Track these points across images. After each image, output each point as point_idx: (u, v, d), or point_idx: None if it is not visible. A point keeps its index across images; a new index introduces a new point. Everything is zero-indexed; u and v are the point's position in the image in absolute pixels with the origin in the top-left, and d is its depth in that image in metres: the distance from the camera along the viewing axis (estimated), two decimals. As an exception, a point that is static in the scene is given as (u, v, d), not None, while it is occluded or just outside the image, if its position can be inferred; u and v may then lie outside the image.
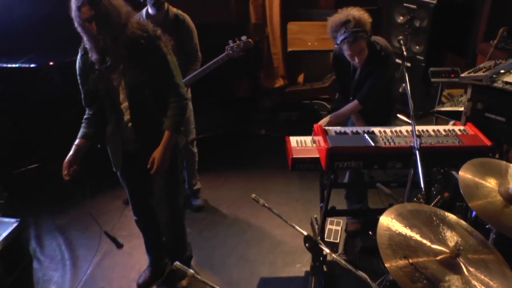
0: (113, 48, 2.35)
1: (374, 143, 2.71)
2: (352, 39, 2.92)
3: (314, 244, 1.87)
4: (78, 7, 2.20)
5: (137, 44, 2.39)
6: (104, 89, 2.48)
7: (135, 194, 2.87)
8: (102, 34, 2.26)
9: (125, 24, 2.36)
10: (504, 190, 2.08)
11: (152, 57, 2.44)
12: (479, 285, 1.68)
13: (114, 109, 2.54)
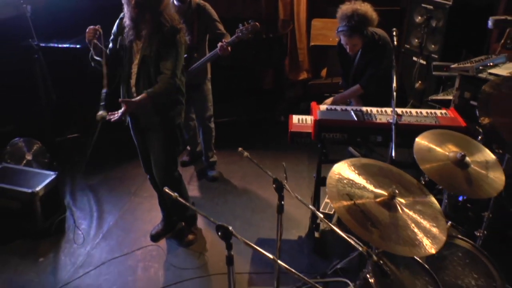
0: (141, 24, 2.92)
1: (358, 118, 3.15)
2: (348, 34, 3.40)
3: (280, 186, 2.33)
4: None
5: (161, 28, 2.94)
6: (126, 53, 3.04)
7: (141, 153, 3.40)
8: (136, 14, 2.84)
9: (161, 12, 2.93)
10: (453, 155, 2.46)
11: (167, 44, 2.95)
12: (411, 219, 2.08)
13: (127, 71, 3.08)
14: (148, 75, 3.02)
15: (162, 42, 2.95)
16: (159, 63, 2.98)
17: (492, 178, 2.41)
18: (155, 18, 2.91)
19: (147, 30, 2.96)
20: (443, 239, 2.05)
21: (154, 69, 3.00)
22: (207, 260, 3.46)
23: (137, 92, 3.07)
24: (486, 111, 2.57)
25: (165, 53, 2.96)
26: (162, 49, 2.96)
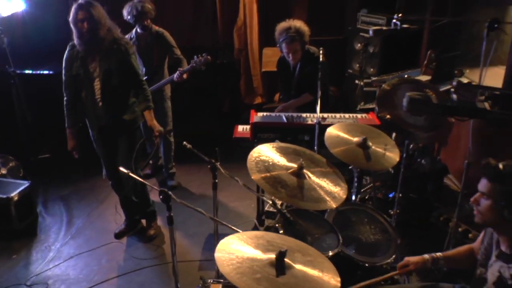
0: (96, 43, 3.50)
1: (287, 120, 3.78)
2: (289, 40, 4.08)
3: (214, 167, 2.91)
4: (76, 10, 3.41)
5: (112, 44, 3.55)
6: (83, 73, 3.59)
7: (108, 161, 3.90)
8: (90, 32, 3.45)
9: (108, 30, 3.55)
10: (357, 139, 3.08)
11: (120, 55, 3.57)
12: (315, 184, 2.66)
13: (90, 91, 3.63)
14: (111, 86, 3.60)
15: (119, 55, 3.56)
16: (123, 74, 3.59)
17: (388, 155, 3.03)
18: (106, 34, 3.50)
19: (101, 47, 3.53)
20: (343, 198, 2.65)
21: (118, 79, 3.58)
22: (164, 251, 3.97)
23: (104, 104, 3.63)
24: (384, 106, 3.21)
25: (121, 63, 3.57)
26: (117, 61, 3.56)
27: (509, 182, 1.98)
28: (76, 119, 3.79)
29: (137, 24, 4.53)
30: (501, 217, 2.02)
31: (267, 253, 1.98)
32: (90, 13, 3.43)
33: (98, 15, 3.47)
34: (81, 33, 3.47)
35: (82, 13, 3.42)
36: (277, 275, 1.87)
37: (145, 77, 4.60)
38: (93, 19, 3.44)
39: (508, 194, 1.98)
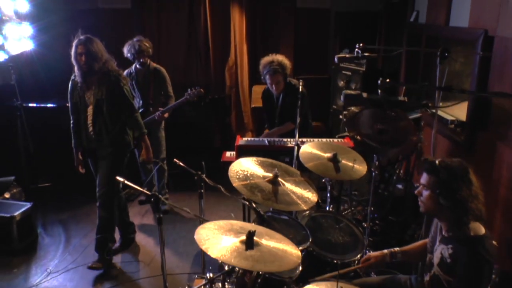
0: (91, 75, 3.98)
1: (269, 143, 4.21)
2: (272, 72, 4.56)
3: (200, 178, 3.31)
4: (76, 45, 3.91)
5: (106, 76, 4.01)
6: (81, 102, 4.06)
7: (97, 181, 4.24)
8: (87, 65, 3.92)
9: (104, 62, 4.02)
10: (329, 155, 3.49)
11: (111, 85, 4.02)
12: (289, 190, 3.05)
13: (83, 116, 4.09)
14: (102, 114, 4.03)
15: (110, 85, 4.00)
16: (114, 103, 4.02)
17: (356, 168, 3.43)
18: (101, 67, 3.98)
19: (96, 78, 4.00)
20: (313, 202, 3.03)
21: (107, 108, 4.01)
22: (156, 265, 4.30)
23: (94, 130, 4.06)
24: (352, 126, 3.65)
25: (114, 93, 4.01)
26: (110, 91, 4.00)
27: (443, 174, 2.39)
28: (80, 140, 4.21)
29: (136, 61, 5.02)
30: (438, 204, 2.42)
31: (239, 235, 2.36)
32: (88, 48, 3.92)
33: (96, 50, 3.96)
34: (79, 66, 3.96)
35: (81, 48, 3.92)
36: (246, 249, 2.24)
37: (142, 109, 5.09)
38: (91, 53, 3.93)
39: (442, 183, 2.39)
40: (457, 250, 2.39)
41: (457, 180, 2.36)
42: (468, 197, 2.34)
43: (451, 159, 2.46)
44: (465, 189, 2.35)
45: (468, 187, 2.36)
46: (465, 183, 2.36)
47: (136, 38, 4.98)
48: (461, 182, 2.35)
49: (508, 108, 3.86)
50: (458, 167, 2.40)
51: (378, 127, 3.58)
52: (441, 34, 5.15)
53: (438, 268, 2.52)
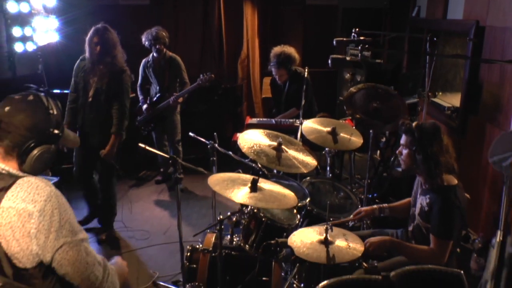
0: (99, 64, 4.29)
1: (276, 122, 4.67)
2: (276, 66, 5.02)
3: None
4: (93, 33, 4.25)
5: (112, 69, 4.29)
6: (83, 84, 4.35)
7: (83, 167, 4.57)
8: (99, 54, 4.25)
9: (115, 55, 4.32)
10: (328, 128, 3.93)
11: (115, 79, 4.29)
12: (291, 156, 3.50)
13: (83, 99, 4.35)
14: (99, 102, 4.29)
15: (112, 78, 4.28)
16: (111, 95, 4.28)
17: (353, 140, 3.87)
18: (110, 59, 4.27)
19: (102, 68, 4.28)
20: (313, 166, 3.46)
21: (104, 97, 4.28)
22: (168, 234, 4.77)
23: (90, 113, 4.33)
24: (350, 104, 4.09)
25: (113, 86, 4.28)
26: (110, 84, 4.26)
27: (417, 133, 2.83)
28: (71, 118, 4.46)
29: (152, 48, 5.51)
30: (414, 159, 2.85)
31: (246, 182, 2.81)
32: (104, 39, 4.24)
33: (110, 41, 4.28)
34: (91, 53, 4.29)
35: (97, 38, 4.24)
36: (250, 191, 2.70)
37: (158, 94, 5.58)
38: (105, 44, 4.24)
39: (416, 141, 2.82)
40: (432, 198, 2.83)
41: (428, 138, 2.80)
42: (438, 152, 2.78)
43: (426, 122, 2.91)
44: (435, 145, 2.78)
45: (438, 144, 2.79)
46: (436, 140, 2.80)
47: (154, 27, 5.46)
48: (432, 139, 2.79)
49: (497, 93, 4.29)
50: (430, 127, 2.84)
51: (373, 105, 4.02)
52: (439, 27, 5.59)
53: (419, 217, 2.96)
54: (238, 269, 3.21)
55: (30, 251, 1.61)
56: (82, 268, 1.70)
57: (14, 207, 1.60)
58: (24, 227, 1.60)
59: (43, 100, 1.84)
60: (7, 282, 1.61)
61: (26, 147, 1.76)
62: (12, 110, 1.76)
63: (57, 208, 1.66)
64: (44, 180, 1.71)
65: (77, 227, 1.74)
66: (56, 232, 1.63)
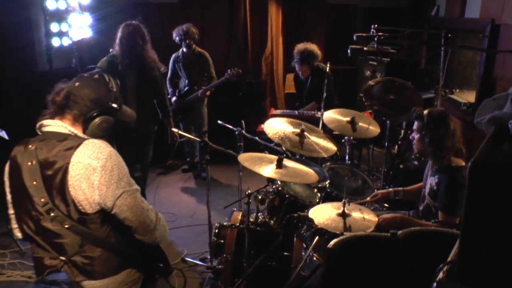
0: (134, 59, 4.54)
1: (298, 113, 5.02)
2: (300, 62, 5.38)
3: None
4: (124, 30, 4.52)
5: (144, 62, 4.55)
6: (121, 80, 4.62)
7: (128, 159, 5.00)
8: (133, 49, 4.50)
9: (146, 50, 4.56)
10: (348, 118, 4.27)
11: (148, 73, 4.59)
12: (312, 142, 3.85)
13: (125, 96, 4.47)
14: (138, 94, 4.55)
15: (145, 71, 4.53)
16: (144, 86, 4.57)
17: (371, 129, 4.20)
18: (142, 55, 4.48)
19: (137, 65, 4.51)
20: (333, 151, 3.80)
21: (143, 92, 4.59)
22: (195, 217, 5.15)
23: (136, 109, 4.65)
24: (368, 97, 4.43)
25: (147, 79, 4.58)
26: (144, 77, 4.52)
27: (426, 119, 3.15)
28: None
29: (182, 44, 5.91)
30: (424, 143, 3.18)
31: (272, 160, 3.17)
32: (134, 35, 4.46)
33: (141, 37, 4.50)
34: (123, 50, 4.51)
35: (131, 33, 4.46)
36: (276, 168, 3.06)
37: (187, 87, 5.97)
38: (137, 39, 4.45)
39: (425, 126, 3.15)
40: (440, 178, 3.15)
41: (435, 123, 3.12)
42: (444, 135, 3.09)
43: (435, 108, 3.24)
44: (442, 129, 3.10)
45: (445, 128, 3.11)
46: (443, 125, 3.11)
47: (185, 24, 5.85)
48: (438, 124, 3.11)
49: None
50: (438, 113, 3.16)
51: (390, 97, 4.35)
52: (457, 25, 5.88)
53: (428, 196, 3.28)
54: (262, 243, 3.55)
55: (93, 200, 1.97)
56: (139, 212, 2.06)
57: (81, 162, 1.96)
58: (89, 179, 1.96)
59: (106, 79, 2.23)
60: (73, 224, 1.98)
61: (89, 116, 2.15)
62: (81, 85, 2.15)
63: (116, 164, 2.02)
64: (105, 142, 2.08)
65: (132, 180, 2.10)
66: (116, 184, 1.99)
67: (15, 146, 2.11)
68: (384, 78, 4.60)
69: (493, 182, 1.07)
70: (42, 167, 1.98)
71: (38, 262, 2.11)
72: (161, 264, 2.29)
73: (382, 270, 2.17)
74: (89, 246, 2.03)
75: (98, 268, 2.07)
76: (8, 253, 4.53)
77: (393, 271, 2.16)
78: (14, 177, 2.07)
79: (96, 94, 2.18)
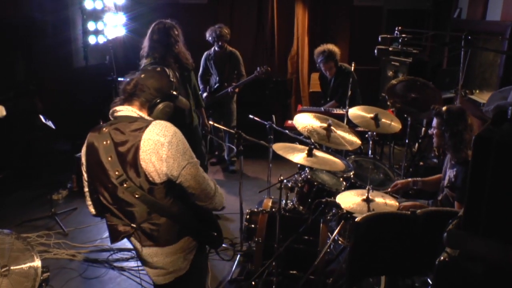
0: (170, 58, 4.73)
1: (324, 110, 5.37)
2: (325, 61, 5.73)
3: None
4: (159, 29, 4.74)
5: (181, 61, 4.75)
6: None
7: None
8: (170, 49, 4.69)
9: (180, 51, 4.77)
10: (371, 115, 4.60)
11: (185, 67, 4.77)
12: (339, 135, 4.19)
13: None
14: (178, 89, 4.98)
15: (181, 69, 4.74)
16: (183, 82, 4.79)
17: (393, 125, 4.52)
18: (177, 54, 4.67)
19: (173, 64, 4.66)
20: (358, 145, 4.14)
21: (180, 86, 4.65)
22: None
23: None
24: (391, 95, 4.76)
25: (184, 76, 4.82)
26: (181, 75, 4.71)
27: (445, 115, 3.47)
28: None
29: (215, 44, 6.29)
30: (443, 137, 3.49)
31: (303, 150, 3.53)
32: (169, 34, 4.60)
33: (175, 35, 4.67)
34: (154, 47, 4.59)
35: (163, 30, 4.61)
36: (307, 156, 3.42)
37: (217, 84, 6.36)
38: (170, 37, 4.59)
39: (445, 122, 3.46)
40: (458, 170, 3.47)
41: (454, 118, 3.43)
42: (463, 130, 3.40)
43: (453, 105, 3.57)
44: (460, 124, 3.41)
45: (463, 123, 3.42)
46: (461, 120, 3.42)
47: (217, 25, 6.24)
48: (457, 120, 3.42)
49: (528, 88, 4.87)
50: (456, 110, 3.48)
51: (412, 96, 4.67)
52: (478, 27, 6.17)
53: (447, 188, 3.61)
54: (291, 228, 3.89)
55: (162, 171, 2.32)
56: (201, 180, 2.41)
57: (151, 139, 2.31)
58: (158, 153, 2.31)
59: (166, 71, 2.62)
60: (142, 194, 2.35)
61: (154, 102, 2.53)
62: (146, 76, 2.53)
63: (180, 140, 2.38)
64: (169, 123, 2.43)
65: (193, 153, 2.45)
66: (181, 156, 2.34)
67: (89, 132, 2.49)
68: (406, 77, 4.92)
69: (492, 152, 1.42)
70: (116, 145, 2.35)
71: (112, 229, 2.48)
72: (215, 233, 2.65)
73: (402, 243, 2.52)
74: (155, 214, 2.39)
75: (163, 235, 2.43)
76: (53, 234, 4.95)
77: (412, 244, 2.51)
78: (91, 156, 2.44)
79: (159, 83, 2.55)
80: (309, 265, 3.55)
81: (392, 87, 4.78)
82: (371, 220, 2.53)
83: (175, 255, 2.51)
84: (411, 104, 4.63)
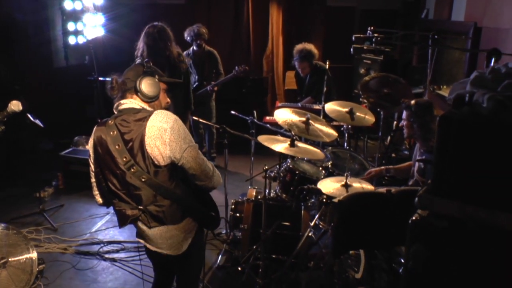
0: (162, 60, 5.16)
1: (301, 105, 5.72)
2: (299, 60, 6.08)
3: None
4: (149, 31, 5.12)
5: (173, 59, 5.21)
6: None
7: None
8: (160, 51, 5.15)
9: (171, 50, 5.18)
10: (347, 109, 4.97)
11: (177, 68, 5.22)
12: (317, 128, 4.54)
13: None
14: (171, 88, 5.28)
15: (174, 67, 5.17)
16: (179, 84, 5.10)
17: (367, 118, 4.89)
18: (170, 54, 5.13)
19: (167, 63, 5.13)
20: (334, 137, 4.49)
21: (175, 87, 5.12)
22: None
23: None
24: (365, 90, 5.14)
25: (182, 77, 5.24)
26: (175, 73, 5.12)
27: (414, 108, 3.84)
28: None
29: (193, 43, 6.58)
30: (413, 128, 3.87)
31: (286, 140, 3.86)
32: (161, 37, 5.01)
33: (165, 38, 5.06)
34: (149, 52, 5.03)
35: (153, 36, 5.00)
36: (290, 146, 3.75)
37: (197, 82, 6.65)
38: (164, 42, 5.01)
39: (413, 114, 3.83)
40: (427, 157, 3.85)
41: (422, 110, 3.80)
42: (430, 120, 3.78)
43: (421, 99, 3.96)
44: (427, 115, 3.79)
45: (430, 114, 3.79)
46: (428, 112, 3.80)
47: (195, 25, 6.52)
48: (425, 111, 3.80)
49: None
50: (424, 103, 3.86)
51: (385, 91, 5.05)
52: (444, 27, 6.62)
53: (417, 173, 3.98)
54: (275, 215, 4.22)
55: (165, 154, 2.60)
56: (201, 161, 2.70)
57: (155, 126, 2.59)
58: (162, 138, 2.58)
59: (143, 62, 2.90)
60: (148, 177, 2.64)
61: (135, 84, 2.75)
62: (126, 71, 2.82)
63: (181, 126, 2.66)
64: (170, 112, 2.70)
65: (192, 138, 2.73)
66: (182, 140, 2.62)
67: (95, 127, 2.76)
68: (379, 74, 5.30)
69: (453, 129, 1.77)
70: (122, 134, 2.63)
71: (121, 214, 2.75)
72: (213, 213, 2.95)
73: (380, 219, 2.87)
74: (160, 197, 2.67)
75: (168, 215, 2.71)
76: (42, 229, 5.17)
77: (388, 220, 2.86)
78: (99, 147, 2.70)
79: (135, 71, 2.80)
80: (293, 249, 3.90)
81: (366, 83, 5.15)
82: (353, 199, 2.88)
83: (180, 233, 2.80)
84: (384, 98, 5.00)
